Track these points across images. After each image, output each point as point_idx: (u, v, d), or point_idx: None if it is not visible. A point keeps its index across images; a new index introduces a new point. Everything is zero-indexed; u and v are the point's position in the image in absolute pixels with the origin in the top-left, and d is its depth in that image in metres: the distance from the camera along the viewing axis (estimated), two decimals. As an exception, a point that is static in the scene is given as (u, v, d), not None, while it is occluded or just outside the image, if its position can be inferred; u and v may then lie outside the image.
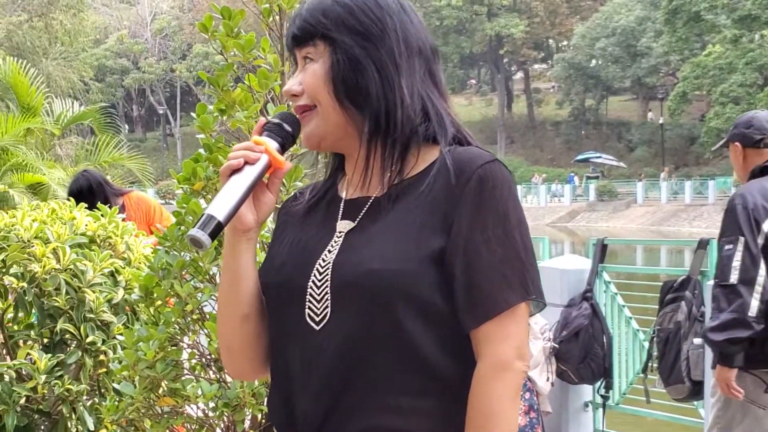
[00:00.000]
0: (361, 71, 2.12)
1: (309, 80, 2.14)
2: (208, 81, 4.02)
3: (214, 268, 3.91)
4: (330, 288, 2.08)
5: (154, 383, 3.93)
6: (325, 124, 2.15)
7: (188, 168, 3.95)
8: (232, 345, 2.27)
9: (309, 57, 2.14)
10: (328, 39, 2.13)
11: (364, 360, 2.03)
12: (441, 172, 2.11)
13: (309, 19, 2.14)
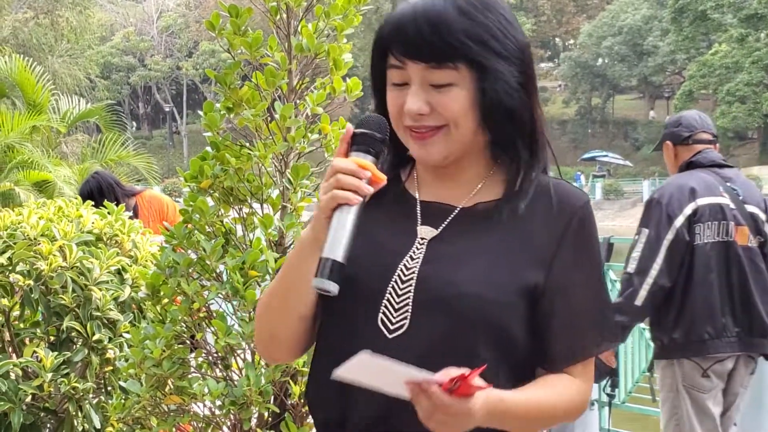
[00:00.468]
0: (510, 96, 2.09)
1: (451, 105, 2.07)
2: (215, 79, 4.02)
3: (220, 266, 3.91)
4: (413, 300, 2.07)
5: (160, 381, 3.93)
6: (456, 144, 2.12)
7: (195, 166, 3.95)
8: (279, 336, 2.24)
9: (444, 82, 2.06)
10: (475, 63, 2.06)
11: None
12: (540, 200, 2.14)
13: (450, 40, 2.04)
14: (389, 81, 2.14)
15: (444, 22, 2.04)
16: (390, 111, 2.15)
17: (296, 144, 3.98)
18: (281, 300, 2.19)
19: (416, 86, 2.08)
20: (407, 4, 2.10)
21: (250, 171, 3.98)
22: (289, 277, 2.16)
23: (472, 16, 2.06)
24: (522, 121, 2.13)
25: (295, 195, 3.96)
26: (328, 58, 4.05)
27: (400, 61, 2.08)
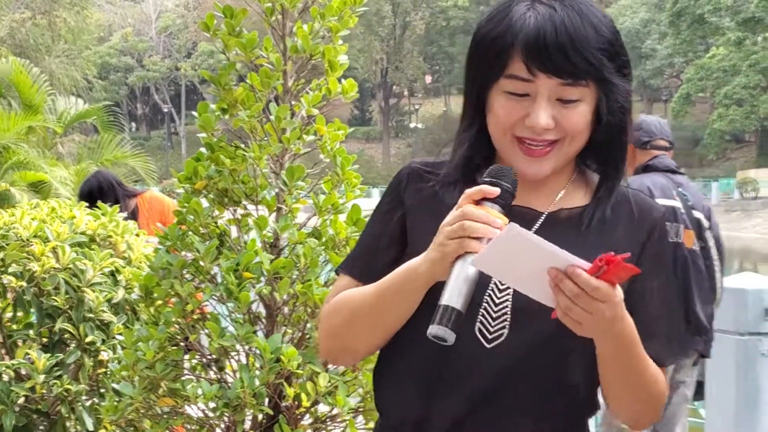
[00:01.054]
0: (624, 112, 2.12)
1: (577, 121, 2.07)
2: (210, 80, 4.01)
3: (215, 267, 3.90)
4: (511, 309, 2.08)
5: (153, 383, 3.92)
6: (565, 158, 2.13)
7: (189, 167, 3.94)
8: (357, 349, 2.23)
9: (573, 98, 2.05)
10: (603, 81, 2.07)
11: (519, 381, 2.07)
12: (622, 208, 2.17)
13: (590, 58, 2.03)
14: (500, 88, 2.09)
15: (583, 38, 2.02)
16: (499, 119, 2.10)
17: (291, 145, 3.97)
18: (373, 319, 2.14)
19: (545, 101, 2.05)
20: (536, 15, 2.05)
21: (245, 172, 3.97)
22: (391, 300, 2.10)
23: (602, 33, 2.06)
24: (625, 136, 2.15)
25: (290, 196, 3.95)
26: (323, 60, 4.04)
27: (532, 74, 2.03)
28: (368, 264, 2.23)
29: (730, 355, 6.53)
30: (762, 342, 6.51)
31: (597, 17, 2.06)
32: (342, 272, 2.29)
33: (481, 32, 2.13)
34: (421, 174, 2.25)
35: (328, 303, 2.24)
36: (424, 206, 2.20)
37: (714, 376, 6.62)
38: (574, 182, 2.21)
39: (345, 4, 4.04)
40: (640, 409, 2.15)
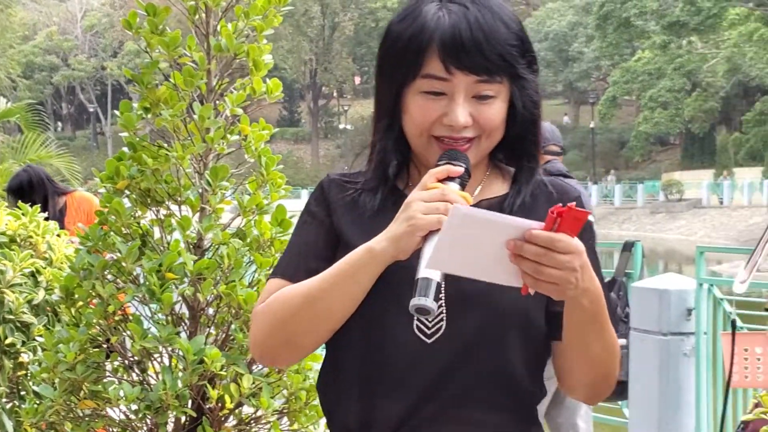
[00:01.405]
0: (535, 105, 2.15)
1: (494, 117, 2.09)
2: (132, 78, 3.97)
3: (137, 268, 3.87)
4: (445, 301, 2.07)
5: (74, 385, 3.88)
6: (483, 153, 2.15)
7: (111, 166, 3.91)
8: (302, 343, 2.16)
9: (489, 93, 2.07)
10: (516, 77, 2.10)
11: (463, 374, 2.07)
12: (540, 193, 2.19)
13: (504, 54, 2.06)
14: (417, 88, 2.09)
15: (497, 35, 2.05)
16: (417, 119, 2.10)
17: (215, 145, 3.95)
18: (321, 308, 2.09)
19: (462, 98, 2.07)
20: (449, 13, 2.06)
21: (168, 172, 3.94)
22: (342, 285, 2.06)
23: (513, 29, 2.09)
24: (538, 128, 2.19)
25: (214, 197, 3.93)
26: (248, 59, 4.02)
27: (449, 72, 2.05)
28: (302, 266, 2.19)
29: (653, 355, 6.60)
30: (684, 342, 6.59)
31: (507, 14, 2.09)
32: (276, 276, 2.23)
33: (394, 33, 2.13)
34: (339, 184, 2.26)
35: (262, 303, 2.18)
36: (348, 211, 2.20)
37: (637, 375, 6.69)
38: (490, 176, 2.23)
39: (269, 3, 4.03)
40: (600, 380, 2.14)
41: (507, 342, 2.09)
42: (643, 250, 7.24)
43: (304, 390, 3.92)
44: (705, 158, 66.61)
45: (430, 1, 2.10)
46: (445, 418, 2.08)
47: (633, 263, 7.13)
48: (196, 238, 3.96)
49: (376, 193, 2.18)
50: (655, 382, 6.60)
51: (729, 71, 58.81)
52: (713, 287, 6.58)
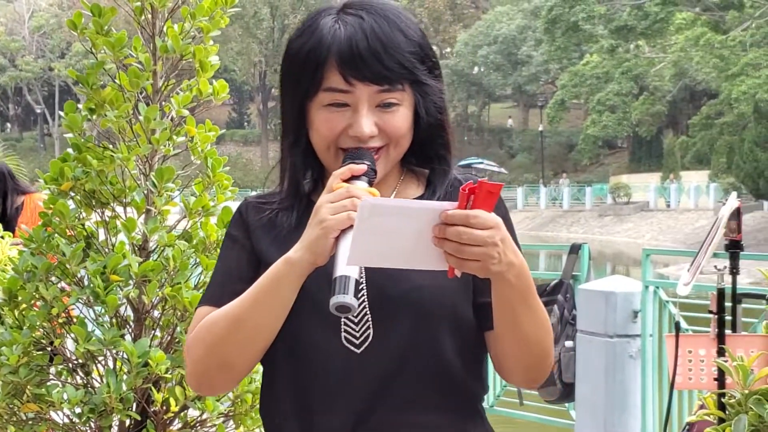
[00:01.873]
0: (440, 112, 2.16)
1: (399, 125, 2.10)
2: (77, 79, 3.95)
3: (81, 270, 3.84)
4: (369, 307, 2.07)
5: (17, 389, 3.85)
6: (392, 162, 2.16)
7: (55, 168, 3.88)
8: (236, 366, 2.14)
9: (393, 101, 2.08)
10: (417, 83, 2.10)
11: (401, 379, 2.07)
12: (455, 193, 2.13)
13: (404, 62, 2.06)
14: (320, 102, 2.10)
15: (394, 43, 2.06)
16: (323, 133, 2.11)
17: (161, 146, 3.94)
18: (251, 326, 2.07)
19: (366, 108, 2.07)
20: (345, 25, 2.07)
21: (113, 173, 3.92)
22: (267, 301, 2.04)
23: (411, 37, 2.10)
24: (446, 131, 2.20)
25: (159, 198, 3.91)
26: (194, 60, 4.01)
27: (350, 84, 2.05)
28: (227, 290, 2.17)
29: (599, 357, 6.64)
30: (630, 344, 6.63)
31: (404, 22, 2.10)
32: (204, 305, 2.22)
33: (293, 48, 2.14)
34: (256, 206, 2.26)
35: (194, 331, 2.17)
36: (266, 232, 2.20)
37: (583, 377, 6.73)
38: (404, 182, 2.25)
39: (216, 4, 4.02)
40: (538, 361, 2.13)
41: (440, 341, 2.09)
42: (590, 252, 7.28)
43: (250, 393, 3.91)
44: (652, 161, 67.15)
45: (327, 14, 2.11)
46: (392, 425, 2.08)
47: (580, 265, 7.16)
48: (141, 240, 3.94)
49: (292, 210, 2.19)
50: (601, 384, 6.65)
51: (676, 75, 59.36)
52: (659, 289, 6.63)
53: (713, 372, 3.58)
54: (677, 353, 3.79)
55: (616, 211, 57.83)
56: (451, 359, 2.10)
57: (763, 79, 45.21)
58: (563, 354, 6.77)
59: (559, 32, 57.48)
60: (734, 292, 3.76)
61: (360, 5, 2.11)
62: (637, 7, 53.62)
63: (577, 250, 7.14)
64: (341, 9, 2.12)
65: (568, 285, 6.93)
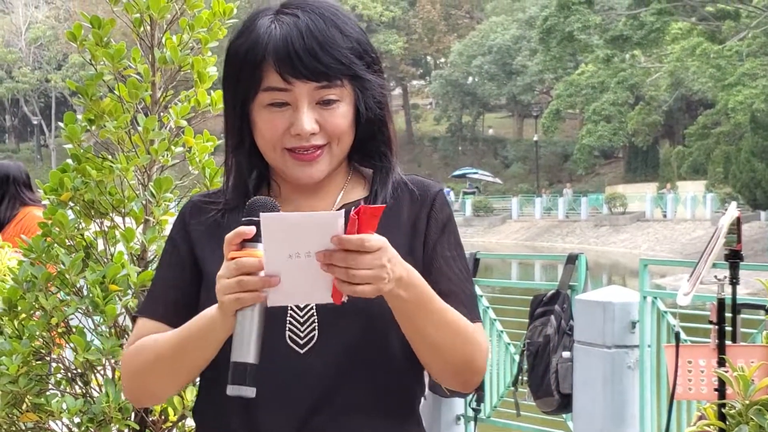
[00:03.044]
0: (381, 107, 2.18)
1: (340, 122, 2.12)
2: (77, 90, 3.96)
3: (81, 280, 3.85)
4: (316, 309, 2.08)
5: (17, 398, 3.85)
6: (336, 159, 2.18)
7: (55, 178, 3.89)
8: (162, 394, 2.21)
9: (333, 98, 2.11)
10: (357, 79, 2.12)
11: (346, 381, 2.08)
12: (401, 192, 2.22)
13: (340, 58, 2.08)
14: (260, 103, 2.13)
15: (330, 40, 2.08)
16: (266, 134, 2.14)
17: (159, 157, 3.94)
18: (175, 365, 2.10)
19: (306, 106, 2.09)
20: (281, 24, 2.09)
21: (112, 184, 3.93)
22: (194, 348, 2.06)
23: (348, 33, 2.12)
24: (387, 128, 2.22)
25: (158, 208, 3.92)
26: (192, 71, 4.02)
27: (288, 82, 2.08)
28: (168, 303, 2.19)
29: (597, 368, 6.63)
30: (628, 355, 6.62)
31: (340, 19, 2.13)
32: (142, 316, 2.23)
33: (232, 49, 2.17)
34: (200, 207, 2.27)
35: (131, 345, 2.19)
36: (210, 236, 2.20)
37: (581, 388, 6.73)
38: (351, 181, 2.27)
39: (214, 15, 4.03)
40: (462, 367, 2.13)
41: (386, 345, 2.11)
42: (587, 262, 7.28)
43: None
44: (648, 172, 67.20)
45: (264, 15, 2.14)
46: (337, 428, 2.08)
47: (577, 276, 7.16)
48: (139, 249, 3.95)
49: (239, 211, 2.14)
50: (599, 395, 6.64)
51: (672, 85, 59.45)
52: (657, 300, 6.62)
53: (713, 382, 3.57)
54: (677, 363, 3.79)
55: (612, 222, 57.86)
56: (396, 364, 2.12)
57: (760, 89, 45.31)
58: (561, 365, 6.76)
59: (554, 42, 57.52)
60: (734, 302, 3.75)
61: (296, 4, 2.14)
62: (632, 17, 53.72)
63: (574, 261, 7.14)
64: (279, 9, 2.15)
65: (565, 295, 6.93)
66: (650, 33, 52.99)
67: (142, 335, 2.19)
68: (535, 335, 6.85)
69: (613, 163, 77.24)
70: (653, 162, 67.35)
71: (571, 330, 6.81)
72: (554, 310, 6.80)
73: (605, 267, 42.65)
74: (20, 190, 6.97)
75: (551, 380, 6.73)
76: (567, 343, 6.73)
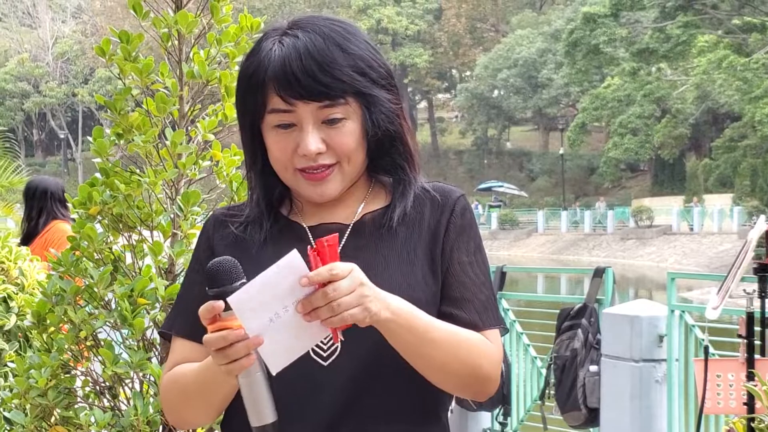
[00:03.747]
0: (392, 122, 2.17)
1: (347, 140, 2.12)
2: (105, 105, 3.98)
3: (109, 293, 3.86)
4: None
5: (45, 411, 3.86)
6: (349, 177, 2.18)
7: (84, 192, 3.90)
8: (195, 422, 2.24)
9: (338, 116, 2.11)
10: (361, 95, 2.12)
11: (368, 390, 2.09)
12: (423, 199, 2.23)
13: (341, 76, 2.09)
14: (268, 125, 2.15)
15: (330, 59, 2.08)
16: (276, 156, 2.16)
17: (187, 170, 3.95)
18: (202, 400, 2.14)
19: (311, 126, 2.10)
20: (281, 47, 2.10)
21: (140, 197, 3.94)
22: (216, 386, 2.09)
23: (349, 50, 2.12)
24: (403, 141, 2.21)
25: (185, 222, 3.93)
26: (220, 85, 4.03)
27: (290, 103, 2.09)
28: (198, 320, 2.15)
29: (624, 382, 6.61)
30: (656, 368, 6.60)
31: (343, 36, 2.13)
32: (174, 335, 2.26)
33: (241, 71, 2.19)
34: (222, 221, 2.30)
35: (165, 375, 2.22)
36: (233, 250, 2.20)
37: (609, 402, 6.70)
38: (372, 192, 2.27)
39: (242, 30, 4.05)
40: (469, 382, 2.13)
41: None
42: (614, 276, 7.26)
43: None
44: (675, 185, 66.93)
45: (269, 37, 2.15)
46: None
47: (604, 289, 7.14)
48: (167, 263, 3.96)
49: (261, 224, 2.22)
50: (626, 409, 6.61)
51: (698, 98, 59.24)
52: (685, 313, 6.60)
53: (742, 396, 3.57)
54: (706, 377, 3.77)
55: (639, 235, 57.62)
56: (418, 373, 2.12)
57: (786, 101, 45.08)
58: (588, 379, 6.75)
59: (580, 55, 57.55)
60: (764, 315, 3.74)
61: (299, 24, 2.15)
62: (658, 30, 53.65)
63: (601, 274, 7.12)
64: (284, 29, 2.15)
65: (593, 309, 6.92)
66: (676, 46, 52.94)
67: (178, 358, 2.22)
68: (562, 349, 6.83)
69: (639, 177, 76.99)
70: (680, 175, 67.05)
71: (598, 344, 6.79)
72: (581, 323, 6.78)
73: (632, 280, 42.49)
74: (55, 206, 7.14)
75: (578, 394, 6.71)
76: (594, 356, 6.71)
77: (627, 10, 56.43)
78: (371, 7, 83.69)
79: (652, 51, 54.85)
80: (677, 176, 67.96)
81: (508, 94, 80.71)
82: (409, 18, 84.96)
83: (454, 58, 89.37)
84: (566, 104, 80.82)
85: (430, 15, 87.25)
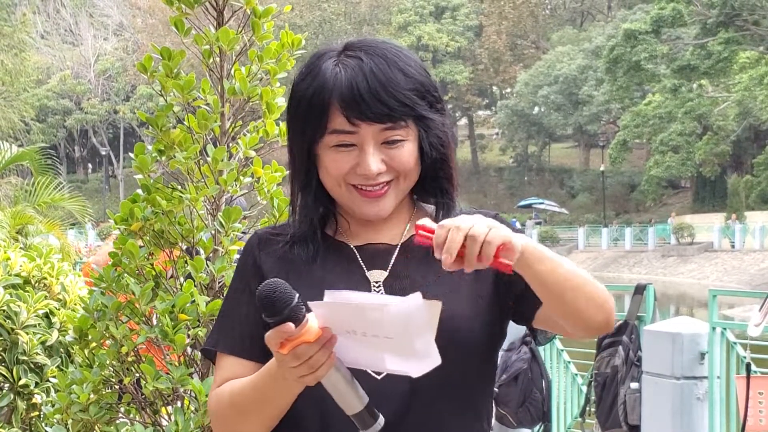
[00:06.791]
0: (444, 145, 2.22)
1: (406, 160, 2.17)
2: (147, 121, 4.01)
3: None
4: None
5: (87, 426, 3.89)
6: (402, 194, 2.23)
7: (125, 208, 3.93)
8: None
9: (398, 138, 2.15)
10: (420, 119, 2.16)
11: (418, 404, 2.13)
12: None
13: (404, 100, 2.13)
14: (326, 145, 2.17)
15: (393, 82, 2.12)
16: (332, 172, 2.18)
17: (228, 187, 3.97)
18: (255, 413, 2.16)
19: (372, 147, 2.14)
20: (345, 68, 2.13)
21: (181, 214, 3.96)
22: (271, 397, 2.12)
23: (410, 73, 2.16)
24: (450, 165, 2.25)
25: (226, 238, 3.94)
26: (261, 102, 4.05)
27: (354, 124, 2.12)
28: (245, 337, 2.23)
29: (666, 399, 6.57)
30: (697, 386, 6.56)
31: (403, 60, 2.16)
32: (221, 352, 2.27)
33: (298, 92, 2.21)
34: (268, 238, 2.32)
35: (215, 391, 2.24)
36: (281, 268, 2.23)
37: (649, 419, 6.66)
38: (416, 214, 2.30)
39: (283, 47, 4.06)
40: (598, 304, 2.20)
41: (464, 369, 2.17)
42: (655, 293, 7.22)
43: None
44: (716, 202, 66.43)
45: (328, 57, 2.18)
46: None
47: (645, 306, 7.11)
48: (208, 279, 3.98)
49: (308, 243, 2.25)
50: (668, 427, 6.58)
51: (740, 115, 58.79)
52: (726, 331, 6.56)
53: (785, 414, 3.53)
54: (748, 395, 3.75)
55: (680, 252, 57.26)
56: (469, 385, 2.18)
57: (829, 118, 44.72)
58: (629, 396, 6.71)
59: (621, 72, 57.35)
60: (806, 332, 3.71)
61: (359, 47, 2.18)
62: (699, 47, 53.41)
63: (642, 291, 7.09)
64: (342, 51, 2.19)
65: (633, 326, 6.88)
66: (718, 62, 52.66)
67: (226, 375, 2.23)
68: (603, 366, 6.80)
69: (680, 193, 76.50)
70: (721, 192, 66.55)
71: (639, 361, 6.75)
72: (622, 340, 6.75)
73: (672, 298, 42.22)
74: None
75: (619, 411, 6.67)
76: (635, 374, 6.67)
77: (668, 27, 56.21)
78: (412, 24, 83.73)
79: (693, 68, 54.60)
80: (718, 193, 67.44)
81: (549, 111, 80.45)
82: (450, 35, 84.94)
83: (495, 75, 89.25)
84: (607, 121, 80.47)
85: (471, 32, 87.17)
